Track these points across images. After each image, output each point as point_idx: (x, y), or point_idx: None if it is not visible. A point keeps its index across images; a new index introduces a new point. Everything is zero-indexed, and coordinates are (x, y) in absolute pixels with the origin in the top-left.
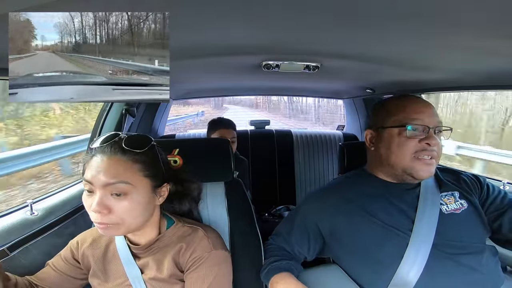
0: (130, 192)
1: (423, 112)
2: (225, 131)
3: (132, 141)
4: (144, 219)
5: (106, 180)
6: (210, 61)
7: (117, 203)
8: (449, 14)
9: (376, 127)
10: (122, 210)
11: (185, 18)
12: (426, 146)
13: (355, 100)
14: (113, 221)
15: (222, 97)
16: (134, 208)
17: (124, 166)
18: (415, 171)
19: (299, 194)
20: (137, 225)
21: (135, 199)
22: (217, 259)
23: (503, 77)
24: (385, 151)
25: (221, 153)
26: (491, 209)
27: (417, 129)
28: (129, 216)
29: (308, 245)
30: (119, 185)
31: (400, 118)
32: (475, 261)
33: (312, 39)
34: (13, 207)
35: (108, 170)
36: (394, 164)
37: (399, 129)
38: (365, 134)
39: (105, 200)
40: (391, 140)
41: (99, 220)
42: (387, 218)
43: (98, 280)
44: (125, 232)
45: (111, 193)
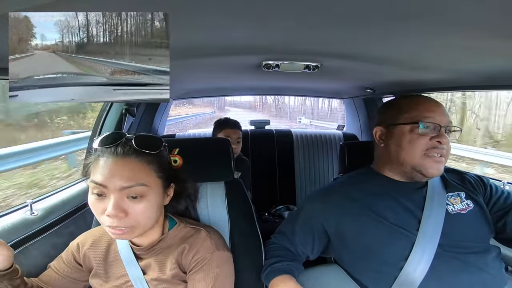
0: (147, 194)
1: (434, 111)
2: (231, 131)
3: (144, 142)
4: (155, 220)
5: (123, 183)
6: (210, 61)
7: (133, 206)
8: (449, 14)
9: (386, 124)
10: (138, 212)
11: (185, 18)
12: (437, 144)
13: (355, 100)
14: (128, 225)
15: (224, 100)
16: (150, 210)
17: (140, 167)
18: (425, 168)
19: (299, 194)
20: (149, 227)
21: (151, 201)
22: (219, 260)
23: (503, 77)
24: (395, 148)
25: (221, 153)
26: (495, 209)
27: (429, 127)
28: (145, 218)
29: (312, 245)
30: (137, 188)
31: (413, 115)
32: (481, 261)
33: (312, 39)
34: (13, 207)
35: (123, 173)
36: (404, 161)
37: (411, 126)
38: (374, 131)
39: (121, 203)
40: (402, 136)
41: (115, 224)
42: (393, 217)
43: (99, 281)
44: (138, 235)
45: (127, 196)
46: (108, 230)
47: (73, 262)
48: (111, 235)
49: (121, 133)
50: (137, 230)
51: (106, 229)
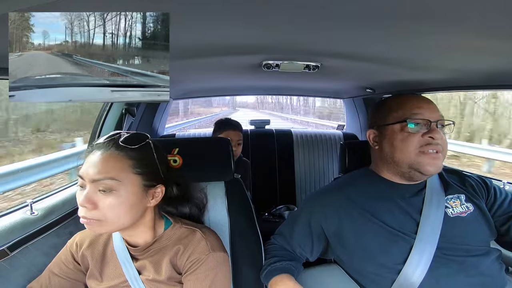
0: (117, 188)
1: (423, 107)
2: (232, 133)
3: (128, 137)
4: (131, 219)
5: (94, 176)
6: (210, 61)
7: (102, 199)
8: (449, 14)
9: (377, 126)
10: (106, 206)
11: (186, 18)
12: (430, 140)
13: (355, 100)
14: (95, 217)
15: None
16: (118, 205)
17: (115, 161)
18: (422, 166)
19: (299, 194)
20: (122, 224)
21: (121, 196)
22: (215, 261)
23: (503, 77)
24: (389, 148)
25: (221, 152)
26: (499, 212)
27: (419, 123)
28: (112, 214)
29: (311, 247)
30: (106, 181)
31: (400, 114)
32: (480, 263)
33: (312, 39)
34: (13, 206)
35: (97, 166)
36: (399, 160)
37: (401, 124)
38: (367, 134)
39: (92, 195)
40: (393, 136)
41: (82, 214)
42: (392, 221)
43: (96, 281)
44: (109, 230)
45: (99, 189)
46: (80, 219)
47: (72, 262)
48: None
49: (118, 132)
50: (104, 225)
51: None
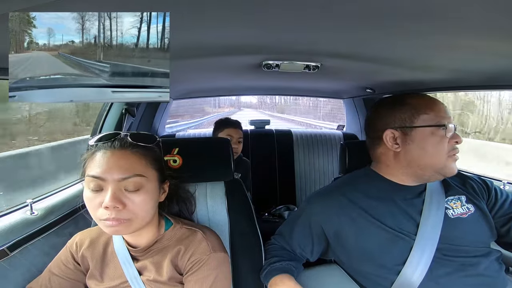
0: (145, 185)
1: (447, 111)
2: (232, 131)
3: (139, 136)
4: (152, 214)
5: (121, 175)
6: (210, 61)
7: (132, 197)
8: (449, 14)
9: (401, 127)
10: (136, 204)
11: (186, 18)
12: (455, 145)
13: (355, 100)
14: (125, 217)
15: (239, 101)
16: (148, 201)
17: (135, 159)
18: (448, 169)
19: (299, 194)
20: (147, 221)
21: (149, 193)
22: (216, 262)
23: (503, 77)
24: (417, 152)
25: (221, 152)
26: (499, 213)
27: (451, 128)
28: (142, 210)
29: (311, 247)
30: (135, 179)
31: (432, 116)
32: (480, 264)
33: (312, 39)
34: (13, 206)
35: (121, 164)
36: (427, 164)
37: (432, 128)
38: (384, 134)
39: (119, 194)
40: (425, 140)
41: (113, 216)
42: (392, 222)
43: (96, 282)
44: (136, 229)
45: (125, 187)
46: (103, 224)
47: (73, 263)
48: (106, 229)
49: (117, 132)
50: (134, 224)
51: (101, 224)
